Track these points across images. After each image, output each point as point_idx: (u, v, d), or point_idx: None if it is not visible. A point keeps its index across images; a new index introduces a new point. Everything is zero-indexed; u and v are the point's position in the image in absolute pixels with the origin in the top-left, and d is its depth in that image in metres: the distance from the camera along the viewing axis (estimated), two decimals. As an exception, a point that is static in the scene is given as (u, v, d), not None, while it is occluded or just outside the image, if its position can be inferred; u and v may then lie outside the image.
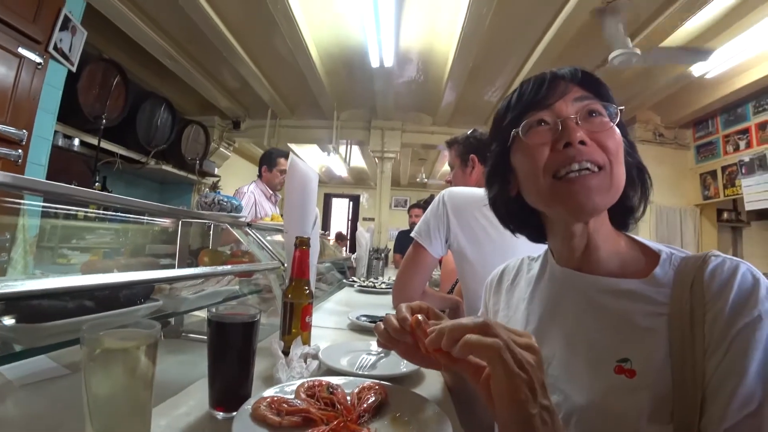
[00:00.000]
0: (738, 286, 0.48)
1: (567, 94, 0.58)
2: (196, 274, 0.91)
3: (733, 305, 0.47)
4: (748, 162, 4.40)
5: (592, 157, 0.54)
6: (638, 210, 0.63)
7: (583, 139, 0.55)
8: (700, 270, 0.51)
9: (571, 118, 0.56)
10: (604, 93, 0.59)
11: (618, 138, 0.57)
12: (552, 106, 0.58)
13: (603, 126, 0.56)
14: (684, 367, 0.47)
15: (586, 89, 0.59)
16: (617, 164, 0.56)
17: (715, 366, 0.45)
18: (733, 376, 0.44)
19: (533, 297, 0.68)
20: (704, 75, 3.92)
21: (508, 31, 3.47)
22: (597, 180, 0.54)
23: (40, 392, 0.77)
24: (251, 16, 3.41)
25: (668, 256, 0.57)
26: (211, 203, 1.40)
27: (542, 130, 0.58)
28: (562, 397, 0.56)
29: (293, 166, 1.04)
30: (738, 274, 0.49)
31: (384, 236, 5.70)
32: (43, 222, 1.91)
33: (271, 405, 0.55)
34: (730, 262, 0.51)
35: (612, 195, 0.56)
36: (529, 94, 0.61)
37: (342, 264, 3.22)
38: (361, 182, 9.91)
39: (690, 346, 0.48)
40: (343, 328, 1.35)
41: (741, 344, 0.45)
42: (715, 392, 0.44)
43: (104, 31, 3.31)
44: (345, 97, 5.26)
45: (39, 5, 2.40)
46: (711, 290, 0.49)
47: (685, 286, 0.51)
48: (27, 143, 2.37)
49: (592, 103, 0.57)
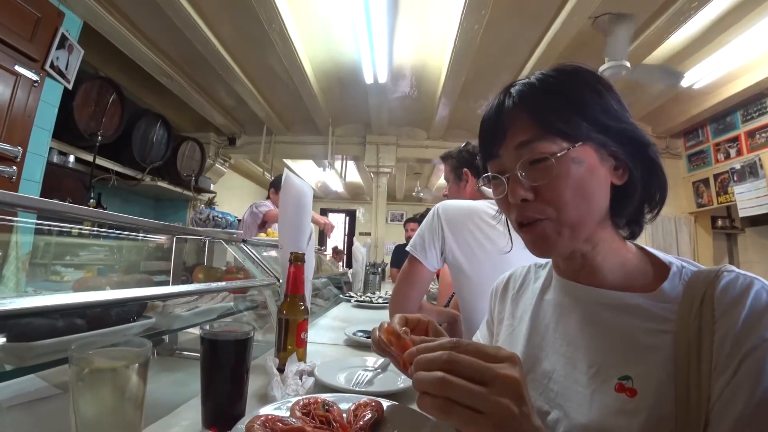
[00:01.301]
0: (750, 305, 0.45)
1: (508, 139, 0.56)
2: (189, 291, 0.90)
3: (744, 325, 0.44)
4: (739, 169, 4.46)
5: (533, 214, 0.54)
6: (649, 212, 0.60)
7: (525, 197, 0.54)
8: (712, 286, 0.48)
9: (514, 174, 0.55)
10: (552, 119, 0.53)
11: (570, 177, 0.52)
12: (499, 155, 0.57)
13: (545, 176, 0.53)
14: (688, 388, 0.45)
15: (533, 122, 0.54)
16: (568, 209, 0.53)
17: (721, 388, 0.43)
18: (738, 401, 0.41)
19: (538, 309, 0.67)
20: (692, 85, 3.99)
21: (500, 46, 3.53)
22: (545, 229, 0.54)
23: (28, 413, 0.75)
24: (246, 35, 3.46)
25: (678, 269, 0.54)
26: (206, 219, 1.40)
27: (497, 184, 0.59)
28: (561, 413, 0.54)
29: (287, 182, 1.04)
30: (751, 292, 0.46)
31: (380, 251, 5.69)
32: (36, 239, 1.89)
33: (265, 424, 0.53)
34: (743, 279, 0.48)
35: (568, 238, 0.54)
36: (482, 137, 0.61)
37: (338, 279, 3.21)
38: (357, 197, 9.93)
39: (696, 366, 0.45)
40: (340, 344, 1.33)
41: (749, 367, 0.42)
42: (719, 417, 0.42)
43: (101, 49, 3.34)
44: (340, 113, 5.31)
45: (36, 24, 2.43)
46: (721, 308, 0.46)
47: (694, 302, 0.49)
48: (22, 160, 2.37)
49: (533, 150, 0.53)
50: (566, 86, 0.56)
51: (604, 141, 0.54)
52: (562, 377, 0.57)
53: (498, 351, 0.40)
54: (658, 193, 0.58)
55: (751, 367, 0.42)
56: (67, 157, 3.28)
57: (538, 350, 0.63)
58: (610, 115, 0.54)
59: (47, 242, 2.13)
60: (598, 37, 3.20)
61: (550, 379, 0.58)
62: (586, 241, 0.56)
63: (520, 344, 0.67)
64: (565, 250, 0.56)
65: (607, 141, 0.54)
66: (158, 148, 4.05)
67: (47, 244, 2.16)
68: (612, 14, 3.01)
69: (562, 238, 0.54)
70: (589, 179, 0.53)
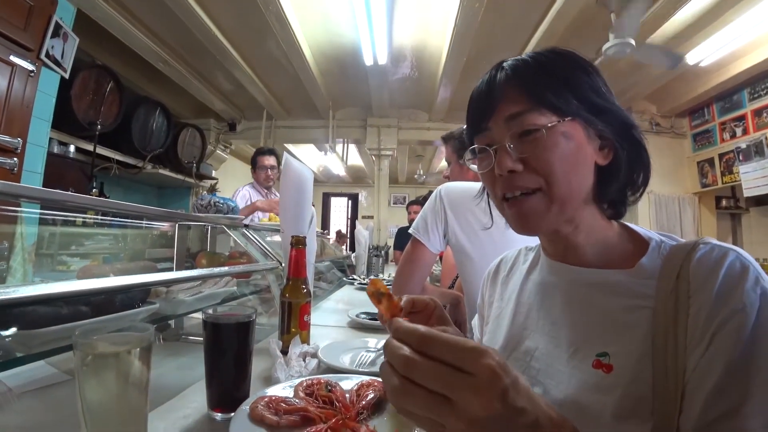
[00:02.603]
0: (723, 276, 0.45)
1: (498, 111, 0.56)
2: (192, 276, 0.91)
3: (717, 296, 0.44)
4: (745, 149, 4.40)
5: (523, 184, 0.54)
6: (634, 193, 0.60)
7: (513, 168, 0.53)
8: (687, 259, 0.48)
9: (503, 145, 0.54)
10: (544, 93, 0.54)
11: (560, 149, 0.53)
12: (487, 127, 0.57)
13: (535, 146, 0.53)
14: (666, 363, 0.45)
15: (522, 96, 0.54)
16: (557, 181, 0.53)
17: (696, 361, 0.43)
18: (712, 373, 0.41)
19: (524, 288, 0.68)
20: (699, 63, 3.91)
21: (501, 25, 3.46)
22: (532, 203, 0.54)
23: (40, 399, 0.77)
24: (244, 19, 3.40)
25: (657, 244, 0.55)
26: (207, 205, 1.40)
27: (483, 157, 0.58)
28: (542, 390, 0.55)
29: (287, 166, 1.04)
30: (725, 263, 0.46)
31: (383, 234, 5.70)
32: (41, 229, 1.91)
33: (269, 405, 0.54)
34: (718, 250, 0.48)
35: (556, 213, 0.54)
36: (471, 112, 0.60)
37: (342, 262, 3.22)
38: (359, 180, 9.90)
39: (672, 341, 0.45)
40: (343, 326, 1.35)
41: (722, 339, 0.42)
42: (694, 389, 0.42)
43: (96, 37, 3.29)
44: (340, 96, 5.26)
45: (29, 13, 2.39)
46: (696, 281, 0.46)
47: (671, 276, 0.49)
48: (22, 151, 2.36)
49: (523, 121, 0.53)
50: (559, 64, 0.57)
51: (592, 120, 0.55)
52: (544, 355, 0.58)
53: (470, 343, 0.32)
54: (642, 173, 0.59)
55: (725, 339, 0.42)
56: (67, 147, 3.27)
57: (521, 329, 0.64)
58: (598, 94, 0.56)
59: (52, 232, 2.15)
60: (603, 13, 3.12)
61: (532, 357, 0.59)
62: (568, 221, 0.56)
63: (505, 324, 0.68)
64: (550, 226, 0.56)
65: (594, 120, 0.55)
66: (158, 135, 4.03)
67: (52, 234, 2.18)
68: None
69: (550, 213, 0.54)
70: (576, 155, 0.54)
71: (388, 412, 0.58)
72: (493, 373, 0.30)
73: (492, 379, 0.30)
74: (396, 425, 0.55)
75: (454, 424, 0.31)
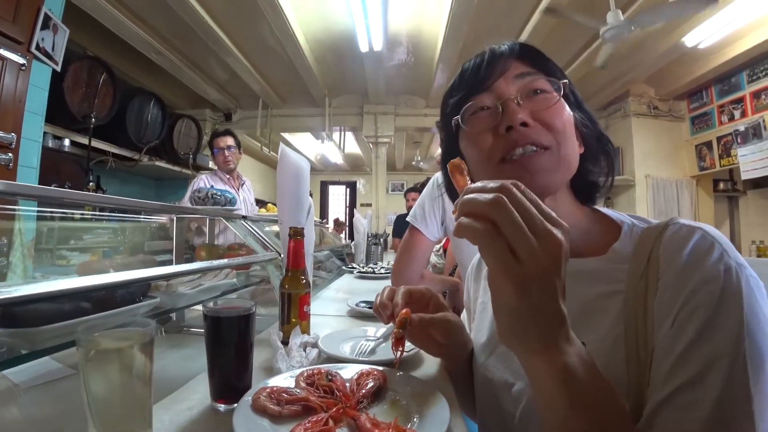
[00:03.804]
0: (688, 254, 0.45)
1: (507, 71, 0.56)
2: (192, 270, 0.92)
3: (681, 275, 0.44)
4: (743, 131, 4.40)
5: (536, 138, 0.52)
6: (604, 183, 0.61)
7: (525, 120, 0.52)
8: (658, 240, 0.48)
9: (511, 99, 0.53)
10: (548, 67, 0.57)
11: (566, 114, 0.54)
12: (492, 87, 0.56)
13: (547, 103, 0.53)
14: (637, 345, 0.45)
15: (528, 64, 0.56)
16: (565, 142, 0.53)
17: (663, 338, 0.43)
18: (675, 347, 0.41)
19: None
20: (697, 45, 3.88)
21: (498, 9, 3.42)
22: (543, 160, 0.52)
23: (45, 394, 0.78)
24: (236, 6, 3.36)
25: (630, 227, 0.54)
26: (205, 197, 1.40)
27: (483, 116, 0.56)
28: (524, 384, 0.55)
29: (284, 157, 1.04)
30: (691, 240, 0.45)
31: (382, 221, 5.71)
32: (39, 225, 1.91)
33: (271, 395, 0.55)
34: (686, 229, 0.47)
35: (561, 174, 0.54)
36: (469, 76, 0.59)
37: (341, 251, 3.23)
38: (357, 168, 9.88)
39: (642, 324, 0.45)
40: (343, 315, 1.36)
41: (685, 315, 0.42)
42: (659, 364, 0.42)
43: (87, 27, 3.25)
44: (336, 84, 5.21)
45: (17, 5, 2.35)
46: (664, 262, 0.46)
47: (642, 259, 0.48)
48: (17, 146, 2.35)
49: (534, 80, 0.55)
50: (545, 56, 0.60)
51: (574, 109, 0.58)
52: None
53: (554, 215, 0.36)
54: (607, 164, 0.61)
55: (688, 316, 0.42)
56: (62, 141, 3.24)
57: None
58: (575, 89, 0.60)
59: (50, 228, 2.15)
60: (600, -5, 3.08)
61: None
62: (553, 198, 0.56)
63: (488, 319, 0.69)
64: (554, 188, 0.55)
65: (575, 109, 0.58)
66: (153, 127, 3.99)
67: (50, 229, 2.18)
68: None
69: (557, 174, 0.54)
70: (573, 128, 0.56)
71: (387, 401, 0.59)
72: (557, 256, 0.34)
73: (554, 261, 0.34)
74: (395, 413, 0.56)
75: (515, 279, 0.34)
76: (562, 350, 0.37)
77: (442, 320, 0.66)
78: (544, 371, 0.38)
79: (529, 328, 0.36)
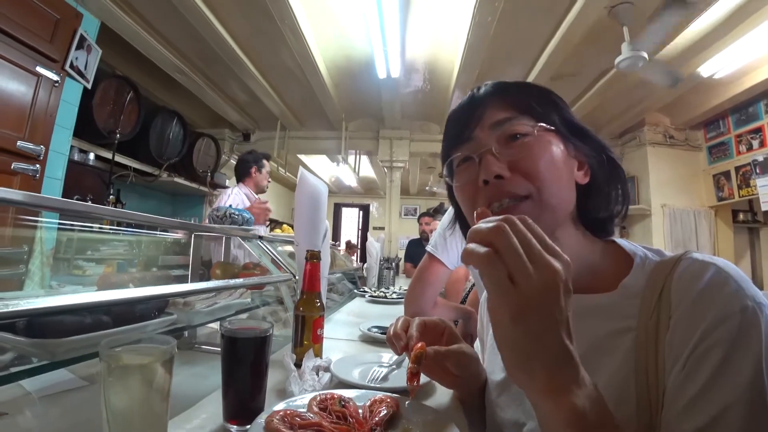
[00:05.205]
0: (701, 290, 0.43)
1: (484, 119, 0.55)
2: (210, 288, 0.93)
3: (694, 311, 0.42)
4: (762, 161, 4.33)
5: (512, 190, 0.51)
6: (618, 212, 0.59)
7: (499, 173, 0.51)
8: (670, 275, 0.46)
9: (488, 150, 0.53)
10: (530, 104, 0.55)
11: (549, 154, 0.52)
12: (471, 137, 0.55)
13: (524, 150, 0.52)
14: (648, 385, 0.43)
15: (508, 106, 0.55)
16: (547, 187, 0.51)
17: (675, 379, 0.41)
18: (687, 389, 0.39)
19: None
20: (713, 75, 3.88)
21: (513, 38, 3.48)
22: (522, 209, 0.51)
23: (58, 404, 0.78)
24: (259, 31, 3.48)
25: (642, 261, 0.52)
26: (223, 216, 1.43)
27: (465, 168, 0.56)
28: (536, 424, 0.53)
29: (303, 180, 1.06)
30: (705, 276, 0.43)
31: (394, 245, 5.70)
32: (59, 235, 1.96)
33: (284, 418, 0.55)
34: (700, 264, 0.45)
35: (547, 219, 0.51)
36: (452, 126, 0.59)
37: (353, 274, 3.23)
38: (371, 191, 9.94)
39: (653, 362, 0.43)
40: (355, 339, 1.35)
41: (697, 355, 0.40)
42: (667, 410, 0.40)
43: (117, 48, 3.39)
44: (353, 108, 5.31)
45: (56, 26, 2.48)
46: (676, 298, 0.44)
47: (653, 295, 0.46)
48: (44, 158, 2.44)
49: (512, 125, 0.53)
50: (536, 88, 0.59)
51: (571, 138, 0.56)
52: None
53: (555, 248, 0.37)
54: (620, 189, 0.59)
55: (699, 359, 0.40)
56: (87, 154, 3.36)
57: None
58: (573, 116, 0.57)
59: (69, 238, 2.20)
60: (615, 27, 3.12)
61: None
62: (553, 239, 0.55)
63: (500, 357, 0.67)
64: (546, 231, 0.53)
65: (572, 138, 0.56)
66: (174, 144, 4.12)
67: (69, 240, 2.23)
68: (629, 3, 2.93)
69: (542, 219, 0.51)
70: (563, 164, 0.54)
71: (400, 429, 0.59)
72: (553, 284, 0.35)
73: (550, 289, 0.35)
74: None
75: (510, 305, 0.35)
76: (570, 391, 0.35)
77: (457, 352, 0.65)
78: (550, 412, 0.36)
79: (532, 362, 0.36)
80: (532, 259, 0.35)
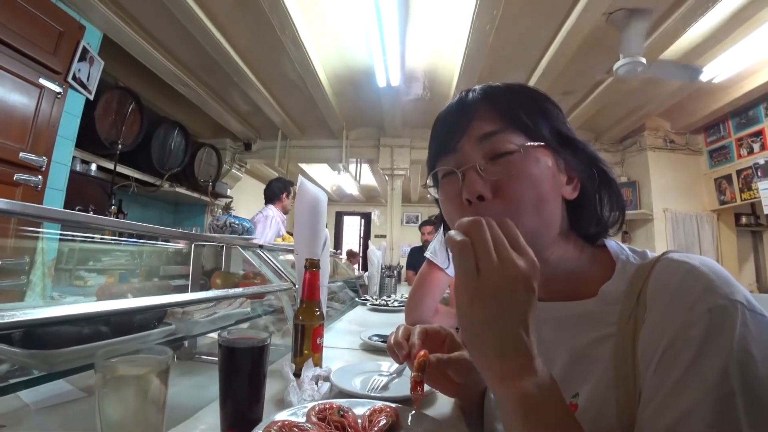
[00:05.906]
0: (673, 290, 0.42)
1: (471, 130, 0.53)
2: (208, 298, 0.92)
3: (665, 313, 0.41)
4: (763, 164, 4.32)
5: (493, 213, 0.48)
6: (614, 220, 0.57)
7: (482, 193, 0.50)
8: (648, 278, 0.45)
9: (472, 166, 0.51)
10: (519, 115, 0.53)
11: (535, 173, 0.50)
12: (457, 148, 0.54)
13: (509, 169, 0.50)
14: (627, 394, 0.42)
15: (497, 116, 0.53)
16: (529, 212, 0.50)
17: (649, 381, 0.40)
18: (656, 392, 0.39)
19: None
20: (712, 80, 3.88)
21: (512, 46, 3.50)
22: None
23: (56, 415, 0.78)
24: (260, 42, 3.51)
25: (623, 264, 0.51)
26: (223, 226, 1.43)
27: (449, 181, 0.55)
28: None
29: (302, 188, 1.06)
30: (678, 276, 0.42)
31: (396, 253, 5.68)
32: (61, 245, 1.96)
33: (282, 429, 0.55)
34: (676, 264, 0.44)
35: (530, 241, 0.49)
36: (437, 133, 0.58)
37: (354, 282, 3.22)
38: (372, 199, 9.95)
39: (631, 368, 0.42)
40: (356, 348, 1.34)
41: (667, 358, 0.39)
42: (640, 412, 0.40)
43: (120, 59, 3.43)
44: (353, 117, 5.34)
45: (59, 38, 2.52)
46: (651, 300, 0.43)
47: (632, 298, 0.45)
48: (46, 169, 2.45)
49: (498, 140, 0.51)
50: (528, 92, 0.57)
51: (561, 151, 0.54)
52: None
53: (526, 248, 0.42)
54: (614, 200, 0.57)
55: (668, 362, 0.39)
56: (89, 165, 3.38)
57: None
58: (565, 126, 0.56)
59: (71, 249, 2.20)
60: (613, 33, 3.14)
61: None
62: None
63: None
64: None
65: (563, 151, 0.54)
66: (176, 154, 4.14)
67: (71, 250, 2.23)
68: (627, 9, 2.95)
69: None
70: (548, 183, 0.52)
71: (400, 439, 0.58)
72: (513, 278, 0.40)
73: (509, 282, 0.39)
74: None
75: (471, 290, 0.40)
76: (521, 377, 0.38)
77: (459, 359, 0.65)
78: (501, 396, 0.40)
79: (487, 347, 0.40)
80: (498, 253, 0.40)
